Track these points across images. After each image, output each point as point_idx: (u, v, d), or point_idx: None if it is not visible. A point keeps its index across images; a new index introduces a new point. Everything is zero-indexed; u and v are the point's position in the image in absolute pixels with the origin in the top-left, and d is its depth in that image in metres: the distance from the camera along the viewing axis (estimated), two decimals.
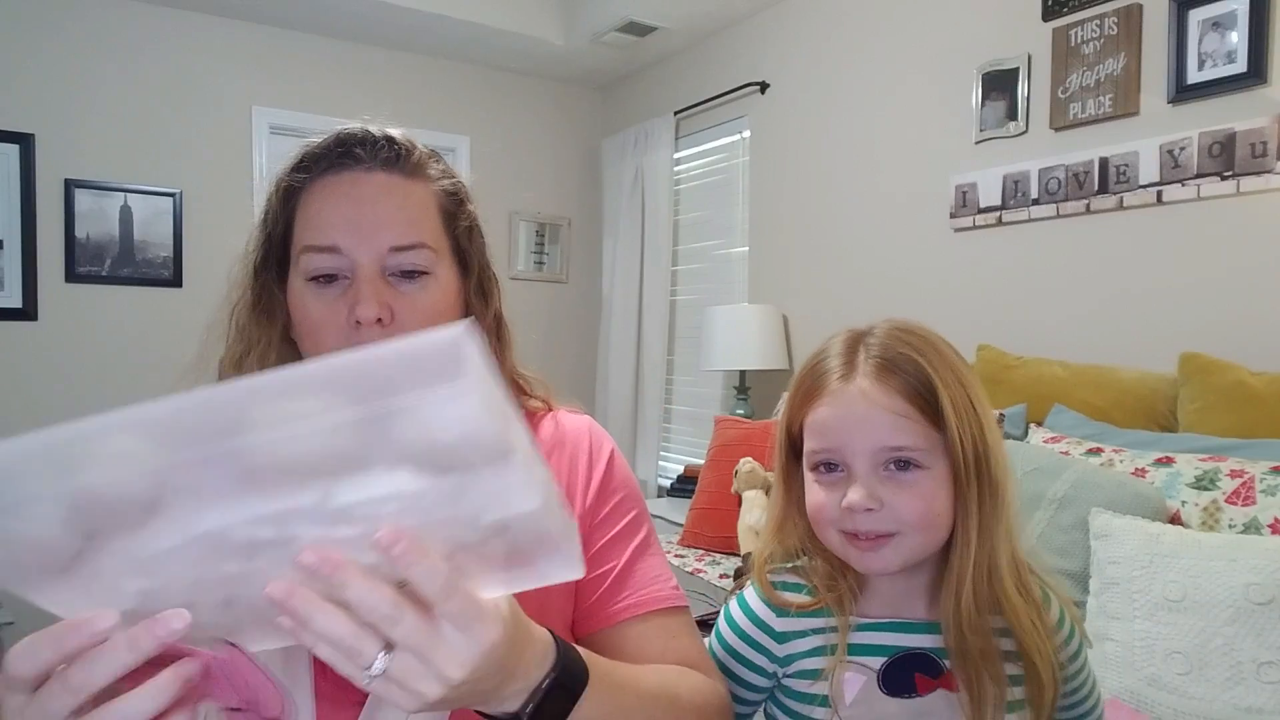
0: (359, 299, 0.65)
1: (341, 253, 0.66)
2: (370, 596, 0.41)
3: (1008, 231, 2.34)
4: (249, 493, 0.39)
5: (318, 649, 0.42)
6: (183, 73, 3.19)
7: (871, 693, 0.71)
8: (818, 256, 2.99)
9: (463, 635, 0.42)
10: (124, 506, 0.39)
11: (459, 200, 0.74)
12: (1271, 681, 1.19)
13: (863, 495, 0.67)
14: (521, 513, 0.41)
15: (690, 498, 2.84)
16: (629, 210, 3.83)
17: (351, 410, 0.37)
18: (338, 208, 0.67)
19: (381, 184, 0.69)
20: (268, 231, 0.71)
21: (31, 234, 2.94)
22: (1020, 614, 0.69)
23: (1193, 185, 1.91)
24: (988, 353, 2.25)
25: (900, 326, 0.73)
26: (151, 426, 0.38)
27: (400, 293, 0.67)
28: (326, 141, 0.70)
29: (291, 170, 0.70)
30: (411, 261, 0.67)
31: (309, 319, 0.67)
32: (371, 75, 3.58)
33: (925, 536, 0.69)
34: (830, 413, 0.70)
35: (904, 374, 0.68)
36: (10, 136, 2.90)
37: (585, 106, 4.21)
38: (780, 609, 0.74)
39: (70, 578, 0.41)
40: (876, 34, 2.74)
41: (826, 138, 2.95)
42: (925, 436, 0.68)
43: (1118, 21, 2.05)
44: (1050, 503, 1.60)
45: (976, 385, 0.71)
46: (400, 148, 0.70)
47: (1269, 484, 1.45)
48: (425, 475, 0.39)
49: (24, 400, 2.92)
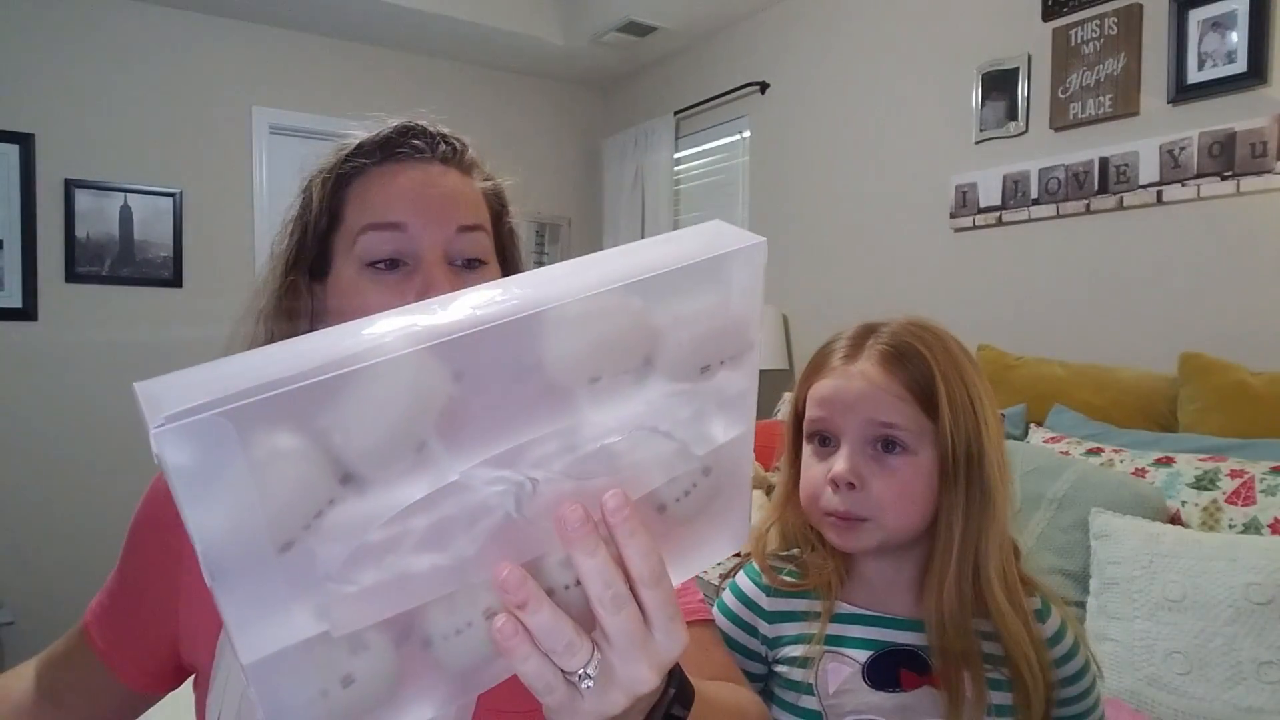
0: (431, 282, 0.62)
1: (408, 231, 0.63)
2: (608, 570, 0.35)
3: (1008, 231, 2.34)
4: (536, 415, 0.34)
5: (527, 663, 0.35)
6: (183, 73, 3.19)
7: (856, 683, 0.71)
8: (818, 256, 2.99)
9: (664, 633, 0.36)
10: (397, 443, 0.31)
11: (503, 203, 0.75)
12: (1271, 681, 1.19)
13: (846, 468, 0.70)
14: (734, 437, 0.39)
15: None
16: (629, 210, 3.83)
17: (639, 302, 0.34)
18: (402, 189, 0.65)
19: (440, 173, 0.68)
20: (305, 224, 0.68)
21: (31, 234, 2.94)
22: (1008, 621, 0.69)
23: (1193, 185, 1.91)
24: (988, 353, 2.25)
25: (914, 321, 0.75)
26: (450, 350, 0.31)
27: (465, 280, 0.65)
28: (386, 132, 0.68)
29: (349, 155, 0.68)
30: (474, 244, 0.66)
31: (367, 309, 0.61)
32: (371, 75, 3.58)
33: (899, 523, 0.70)
34: (830, 385, 0.73)
35: (905, 359, 0.71)
36: (10, 136, 2.90)
37: (585, 106, 4.21)
38: (769, 589, 0.76)
39: (286, 561, 0.30)
40: (876, 34, 2.74)
41: (826, 138, 2.95)
42: (915, 421, 0.70)
43: (1118, 21, 2.05)
44: (1050, 503, 1.60)
45: (982, 388, 0.72)
46: (455, 144, 0.70)
47: (1269, 484, 1.45)
48: (674, 380, 0.36)
49: (24, 400, 2.92)
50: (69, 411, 2.96)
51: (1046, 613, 0.75)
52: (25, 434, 2.90)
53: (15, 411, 2.91)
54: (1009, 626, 0.69)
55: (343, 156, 0.68)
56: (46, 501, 2.92)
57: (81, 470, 2.95)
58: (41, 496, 2.92)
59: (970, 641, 0.69)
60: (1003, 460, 0.72)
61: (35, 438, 2.91)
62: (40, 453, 2.90)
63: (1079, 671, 0.75)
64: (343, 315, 0.65)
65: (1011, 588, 0.72)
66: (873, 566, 0.76)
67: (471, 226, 0.66)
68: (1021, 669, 0.69)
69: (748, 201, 3.34)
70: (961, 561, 0.70)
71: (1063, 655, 0.74)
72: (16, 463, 2.89)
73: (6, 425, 2.89)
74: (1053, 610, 0.75)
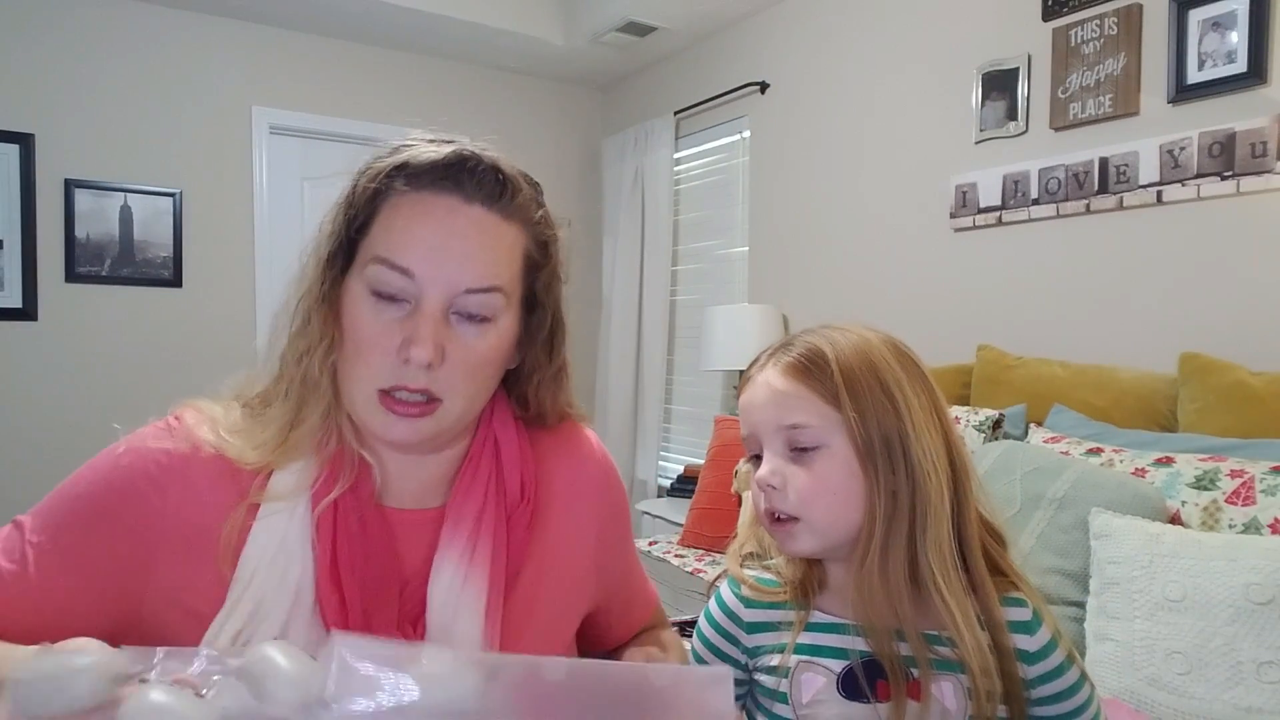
0: (416, 338, 0.63)
1: (415, 279, 0.64)
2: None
3: (1008, 231, 2.34)
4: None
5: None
6: (183, 73, 3.19)
7: (829, 694, 0.71)
8: (818, 256, 2.99)
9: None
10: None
11: (546, 248, 0.73)
12: (1271, 681, 1.19)
13: (766, 471, 0.72)
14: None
15: (690, 498, 2.84)
16: (629, 210, 3.83)
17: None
18: (426, 231, 0.64)
19: (477, 220, 0.66)
20: (345, 221, 0.68)
21: (31, 234, 2.95)
22: (950, 602, 0.68)
23: (1193, 185, 1.91)
24: (988, 353, 2.25)
25: (836, 324, 0.76)
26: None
27: (456, 334, 0.66)
28: (439, 156, 0.66)
29: (391, 171, 0.66)
30: (480, 305, 0.66)
31: (360, 332, 0.65)
32: (371, 75, 3.58)
33: (827, 518, 0.70)
34: (744, 399, 0.76)
35: (803, 360, 0.72)
36: (10, 136, 2.90)
37: (585, 106, 4.21)
38: (747, 600, 0.77)
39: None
40: (877, 34, 2.74)
41: (826, 138, 2.95)
42: (819, 415, 0.70)
43: (1118, 21, 2.05)
44: (1050, 503, 1.60)
45: (898, 374, 0.71)
46: (507, 183, 0.68)
47: (1269, 484, 1.45)
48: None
49: (24, 400, 2.92)
50: (69, 411, 2.97)
51: (1036, 624, 0.72)
52: (25, 434, 2.91)
53: (15, 411, 2.91)
54: (956, 625, 0.67)
55: (389, 167, 0.66)
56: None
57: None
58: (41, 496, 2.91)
59: (918, 645, 0.68)
60: (940, 448, 0.71)
61: (35, 437, 2.92)
62: (40, 453, 2.91)
63: (1069, 689, 0.72)
64: (346, 326, 0.67)
65: (948, 570, 0.69)
66: (840, 573, 0.75)
67: (482, 289, 0.65)
68: (975, 676, 0.67)
69: (747, 201, 3.34)
70: (891, 550, 0.69)
71: (1048, 672, 0.71)
72: (16, 463, 2.89)
73: (6, 425, 2.89)
74: (1044, 623, 0.72)
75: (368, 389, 0.65)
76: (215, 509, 0.65)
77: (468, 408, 0.69)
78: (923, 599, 0.70)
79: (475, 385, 0.68)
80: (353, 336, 0.66)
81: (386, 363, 0.64)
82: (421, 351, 0.63)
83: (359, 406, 0.67)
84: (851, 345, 0.73)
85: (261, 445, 0.67)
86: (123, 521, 0.65)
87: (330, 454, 0.68)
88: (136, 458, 0.67)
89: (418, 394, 0.65)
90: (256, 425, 0.68)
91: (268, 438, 0.67)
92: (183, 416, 0.70)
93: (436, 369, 0.64)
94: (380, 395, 0.65)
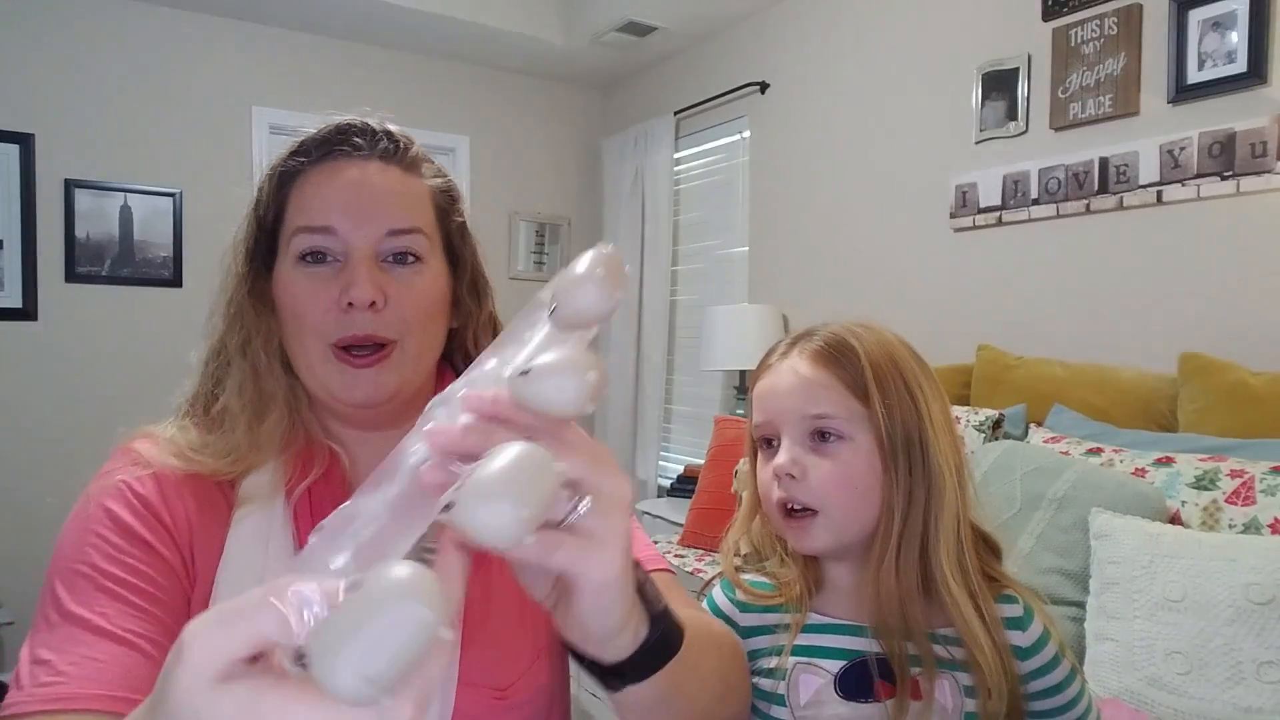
0: (353, 281, 0.64)
1: (337, 234, 0.66)
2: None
3: (1008, 231, 2.34)
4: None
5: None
6: (183, 73, 3.19)
7: (827, 694, 0.71)
8: (818, 256, 2.99)
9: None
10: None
11: (452, 198, 0.75)
12: (1271, 681, 1.19)
13: (786, 459, 0.71)
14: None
15: (690, 498, 2.84)
16: (629, 210, 3.83)
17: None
18: (335, 191, 0.67)
19: (381, 171, 0.69)
20: (259, 218, 0.70)
21: (31, 234, 2.94)
22: (967, 619, 0.68)
23: (1193, 185, 1.91)
24: (988, 353, 2.25)
25: (852, 321, 0.76)
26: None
27: (393, 276, 0.67)
28: (325, 130, 0.69)
29: (288, 157, 0.69)
30: (406, 245, 0.67)
31: (299, 300, 0.66)
32: (371, 75, 3.58)
33: (845, 511, 0.70)
34: (765, 384, 0.75)
35: (835, 352, 0.72)
36: (10, 136, 2.90)
37: (585, 106, 4.21)
38: (742, 604, 0.76)
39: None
40: (876, 34, 2.74)
41: (826, 138, 2.95)
42: (846, 407, 0.70)
43: (1118, 21, 2.05)
44: (1050, 503, 1.60)
45: (919, 376, 0.72)
46: (399, 141, 0.71)
47: (1269, 484, 1.45)
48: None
49: (24, 400, 2.92)
50: (69, 411, 2.96)
51: (1028, 620, 0.73)
52: (25, 434, 2.91)
53: (15, 411, 2.91)
54: (968, 625, 0.68)
55: (286, 154, 0.70)
56: (46, 502, 2.92)
57: (82, 470, 2.94)
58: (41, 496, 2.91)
59: (924, 645, 0.68)
60: (953, 452, 0.71)
61: (35, 437, 2.91)
62: (40, 453, 2.91)
63: (1061, 683, 0.73)
64: (283, 306, 0.68)
65: (965, 571, 0.70)
66: (843, 573, 0.75)
67: (403, 230, 0.67)
68: (984, 673, 0.67)
69: (747, 202, 3.34)
70: (905, 550, 0.69)
71: (1041, 666, 0.72)
72: (16, 463, 2.89)
73: (6, 425, 2.89)
74: (1035, 618, 0.73)
75: (319, 346, 0.66)
76: (214, 523, 0.65)
77: (420, 350, 0.69)
78: (929, 599, 0.70)
79: (422, 324, 0.69)
80: (293, 309, 0.67)
81: (330, 317, 0.65)
82: (361, 291, 0.64)
83: (317, 371, 0.67)
84: (876, 340, 0.73)
85: (234, 450, 0.66)
86: (161, 531, 0.63)
87: (298, 450, 0.68)
88: (122, 489, 0.64)
89: (368, 344, 0.66)
90: (217, 436, 0.67)
91: (236, 440, 0.66)
92: (136, 448, 0.68)
93: (381, 310, 0.65)
94: (334, 350, 0.66)
